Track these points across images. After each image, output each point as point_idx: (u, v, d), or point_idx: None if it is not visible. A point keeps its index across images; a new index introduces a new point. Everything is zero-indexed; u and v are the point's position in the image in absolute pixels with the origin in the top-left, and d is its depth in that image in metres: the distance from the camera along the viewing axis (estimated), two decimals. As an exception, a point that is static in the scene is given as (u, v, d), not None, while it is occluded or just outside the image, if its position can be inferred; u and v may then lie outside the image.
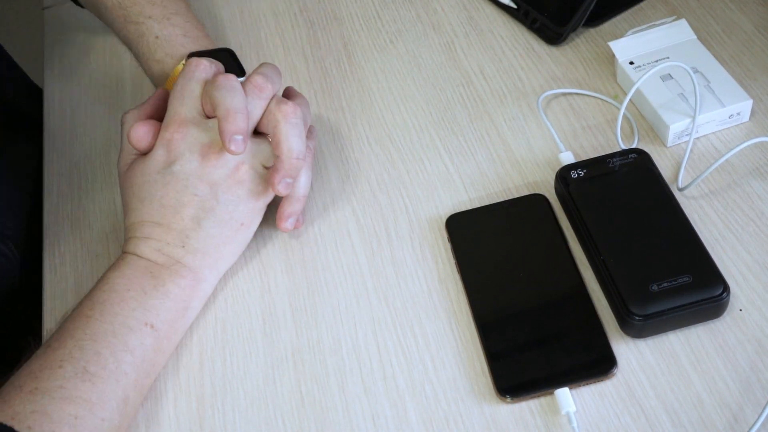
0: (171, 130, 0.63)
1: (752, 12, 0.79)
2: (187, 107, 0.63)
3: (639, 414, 0.55)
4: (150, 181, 0.62)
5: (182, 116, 0.63)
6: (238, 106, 0.61)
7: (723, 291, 0.57)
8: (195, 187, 0.62)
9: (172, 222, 0.62)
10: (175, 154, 0.62)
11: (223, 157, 0.62)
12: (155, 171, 0.62)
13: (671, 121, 0.68)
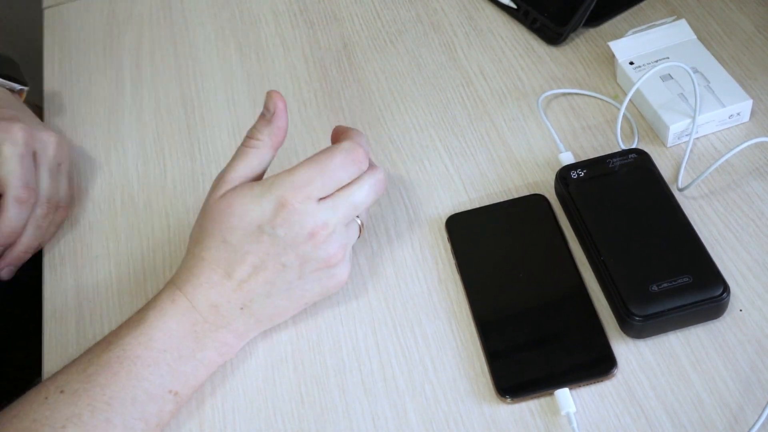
0: (294, 195, 0.56)
1: (752, 12, 0.79)
2: (324, 186, 0.57)
3: (639, 414, 0.55)
4: (245, 231, 0.57)
5: (312, 191, 0.57)
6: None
7: (723, 291, 0.57)
8: (287, 257, 0.57)
9: (245, 281, 0.58)
10: (284, 220, 0.56)
11: (328, 242, 0.58)
12: (256, 224, 0.57)
13: (671, 121, 0.68)
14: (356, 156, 0.58)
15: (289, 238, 0.57)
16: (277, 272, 0.58)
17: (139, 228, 0.72)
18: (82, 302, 0.67)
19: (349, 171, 0.58)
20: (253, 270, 0.57)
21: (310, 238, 0.57)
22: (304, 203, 0.56)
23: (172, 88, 0.83)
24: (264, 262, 0.57)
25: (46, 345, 0.65)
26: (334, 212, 0.58)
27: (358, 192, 0.59)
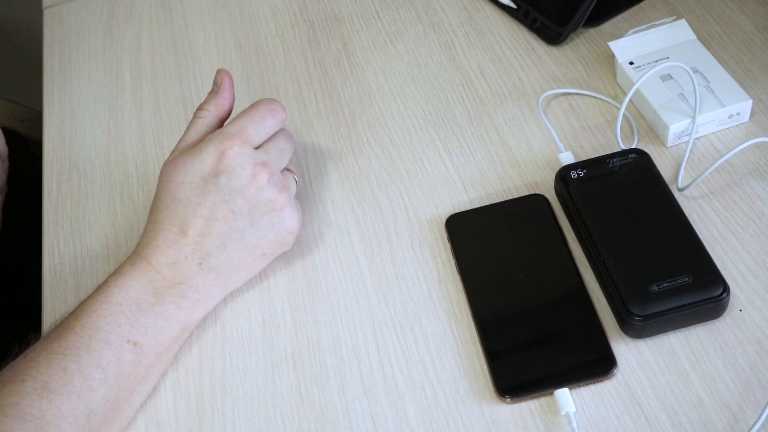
0: (231, 142, 0.60)
1: (752, 12, 0.79)
2: (257, 132, 0.62)
3: (639, 414, 0.55)
4: (190, 184, 0.60)
5: (247, 136, 0.61)
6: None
7: (723, 291, 0.57)
8: (234, 203, 0.60)
9: (199, 236, 0.60)
10: (225, 166, 0.60)
11: (270, 182, 0.61)
12: (200, 175, 0.60)
13: (671, 121, 0.68)
14: (276, 105, 0.64)
15: (232, 183, 0.60)
16: (227, 221, 0.60)
17: (139, 228, 0.72)
18: (81, 302, 0.67)
19: (274, 118, 0.63)
20: (205, 222, 0.60)
21: (252, 179, 0.60)
22: (240, 148, 0.60)
23: (172, 87, 0.83)
24: (213, 213, 0.60)
25: (45, 345, 0.65)
26: (268, 155, 0.62)
27: (282, 138, 0.64)
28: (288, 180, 0.64)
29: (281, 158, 0.64)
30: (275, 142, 0.64)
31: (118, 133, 0.80)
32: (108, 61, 0.88)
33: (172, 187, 0.61)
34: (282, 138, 0.65)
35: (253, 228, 0.61)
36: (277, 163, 0.63)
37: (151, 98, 0.83)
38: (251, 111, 0.63)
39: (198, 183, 0.60)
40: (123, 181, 0.76)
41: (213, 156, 0.60)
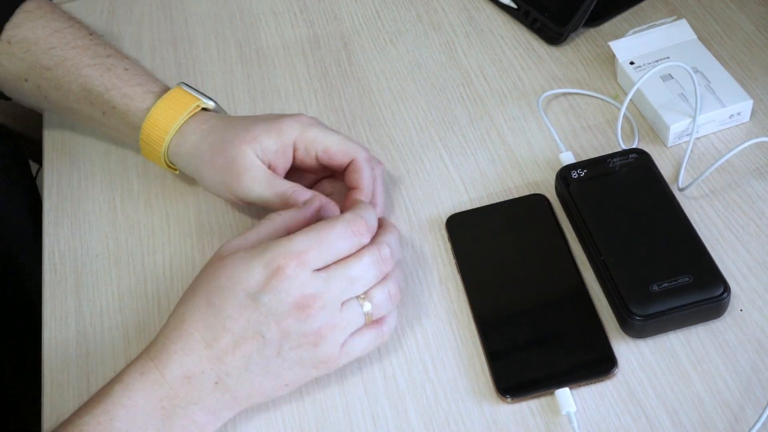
0: (287, 261, 0.53)
1: (752, 12, 0.79)
2: (321, 255, 0.54)
3: (639, 414, 0.55)
4: (231, 292, 0.54)
5: (308, 258, 0.54)
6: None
7: (723, 291, 0.57)
8: (268, 328, 0.53)
9: (222, 352, 0.53)
10: (273, 286, 0.53)
11: (314, 316, 0.54)
12: (243, 287, 0.53)
13: (671, 121, 0.68)
14: (357, 227, 0.56)
15: (273, 305, 0.53)
16: (256, 344, 0.54)
17: (140, 227, 0.72)
18: (81, 301, 0.67)
19: (349, 242, 0.55)
20: (233, 339, 0.53)
21: (296, 309, 0.53)
22: (296, 270, 0.53)
23: (172, 86, 0.83)
24: (244, 331, 0.53)
25: (45, 344, 0.65)
26: (327, 284, 0.54)
27: (356, 265, 0.55)
28: (346, 314, 0.55)
29: (344, 289, 0.55)
30: (344, 268, 0.55)
31: (118, 133, 0.80)
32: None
33: (210, 288, 0.54)
34: (355, 262, 0.55)
35: (278, 359, 0.54)
36: (337, 293, 0.54)
37: (151, 98, 0.83)
38: (324, 228, 0.55)
39: (239, 294, 0.53)
40: (123, 181, 0.76)
41: (264, 272, 0.53)
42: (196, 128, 0.67)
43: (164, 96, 0.68)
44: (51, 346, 0.65)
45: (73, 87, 0.70)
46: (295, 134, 0.64)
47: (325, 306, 0.54)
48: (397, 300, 0.57)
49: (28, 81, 0.71)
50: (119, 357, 0.63)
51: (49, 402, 0.62)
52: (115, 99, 0.69)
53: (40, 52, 0.70)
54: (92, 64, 0.70)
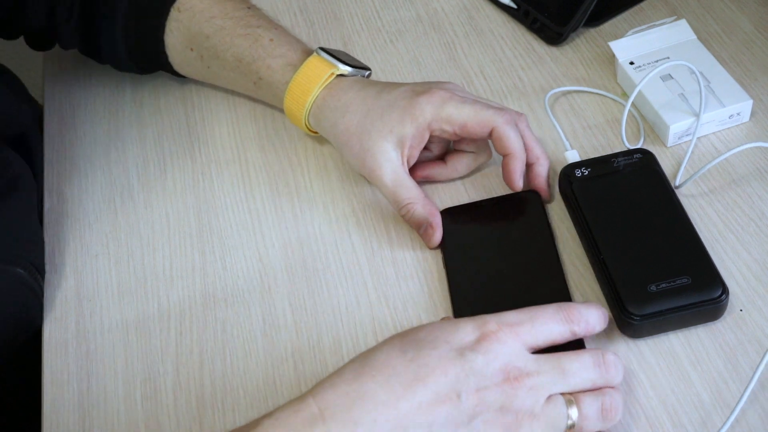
0: (500, 326, 0.49)
1: (752, 12, 0.79)
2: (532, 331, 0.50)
3: (639, 414, 0.55)
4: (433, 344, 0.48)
5: (517, 327, 0.50)
6: None
7: (722, 293, 0.57)
8: (467, 389, 0.47)
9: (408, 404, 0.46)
10: (485, 347, 0.48)
11: (518, 393, 0.48)
12: (448, 342, 0.48)
13: (672, 121, 0.68)
14: (569, 314, 0.51)
15: (479, 365, 0.47)
16: (447, 406, 0.47)
17: (139, 227, 0.72)
18: (82, 301, 0.67)
19: (561, 326, 0.51)
20: (423, 392, 0.46)
21: (503, 377, 0.48)
22: (508, 336, 0.49)
23: (173, 87, 0.83)
24: (439, 387, 0.46)
25: (45, 344, 0.65)
26: (538, 365, 0.49)
27: (573, 359, 0.50)
28: (550, 409, 0.49)
29: (559, 379, 0.49)
30: (563, 358, 0.50)
31: (118, 133, 0.80)
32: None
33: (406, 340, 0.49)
34: (574, 357, 0.50)
35: (466, 429, 0.47)
36: (547, 380, 0.49)
37: (151, 97, 0.83)
38: (536, 308, 0.52)
39: (442, 347, 0.48)
40: (123, 181, 0.76)
41: (475, 332, 0.49)
42: (332, 104, 0.68)
43: (300, 68, 0.69)
44: (51, 345, 0.65)
45: (227, 56, 0.73)
46: (429, 117, 0.64)
47: (532, 388, 0.48)
48: (611, 419, 0.51)
49: (193, 50, 0.75)
50: (119, 357, 0.63)
51: (49, 401, 0.62)
52: (261, 70, 0.72)
53: (203, 21, 0.73)
54: (243, 34, 0.72)
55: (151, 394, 0.61)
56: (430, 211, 0.64)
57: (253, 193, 0.73)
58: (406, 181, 0.65)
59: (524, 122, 0.66)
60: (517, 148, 0.64)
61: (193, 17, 0.74)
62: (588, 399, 0.50)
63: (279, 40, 0.72)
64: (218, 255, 0.69)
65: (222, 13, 0.74)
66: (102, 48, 0.77)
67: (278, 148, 0.76)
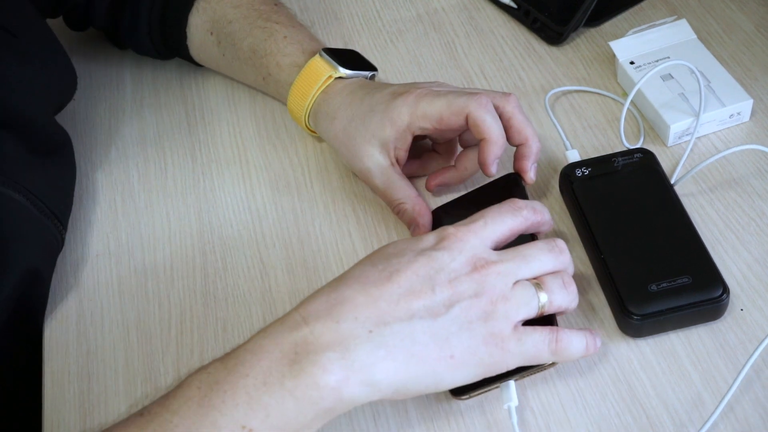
0: (458, 228, 0.53)
1: (752, 12, 0.79)
2: (488, 227, 0.53)
3: (640, 413, 0.55)
4: (399, 255, 0.51)
5: (476, 226, 0.53)
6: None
7: (722, 293, 0.57)
8: (438, 282, 0.50)
9: (385, 301, 0.49)
10: (446, 245, 0.51)
11: (488, 280, 0.51)
12: (412, 249, 0.51)
13: (672, 120, 0.68)
14: (515, 203, 0.55)
15: (445, 260, 0.51)
16: (424, 298, 0.49)
17: (140, 227, 0.72)
18: (82, 301, 0.67)
19: (512, 217, 0.54)
20: (398, 290, 0.49)
21: (470, 267, 0.51)
22: (467, 235, 0.52)
23: (173, 87, 0.83)
24: (412, 284, 0.49)
25: (46, 343, 0.65)
26: (500, 256, 0.52)
27: (530, 246, 0.53)
28: (519, 295, 0.52)
29: (522, 265, 0.52)
30: (522, 248, 0.53)
31: (119, 132, 0.80)
32: (108, 61, 0.87)
33: (374, 257, 0.52)
34: (532, 245, 0.54)
35: (446, 319, 0.49)
36: (511, 267, 0.52)
37: (151, 97, 0.83)
38: (492, 208, 0.55)
39: (407, 254, 0.51)
40: (123, 180, 0.76)
41: (434, 237, 0.52)
42: (324, 109, 0.69)
43: (302, 70, 0.70)
44: (52, 344, 0.65)
45: (243, 45, 0.74)
46: (406, 118, 0.64)
47: (500, 273, 0.51)
48: (572, 292, 0.54)
49: (212, 35, 0.76)
50: (120, 356, 0.63)
51: (49, 401, 0.62)
52: (270, 66, 0.73)
53: (229, 6, 0.75)
54: (262, 27, 0.73)
55: (151, 394, 0.61)
56: (418, 211, 0.65)
57: (254, 192, 0.73)
58: (397, 182, 0.66)
59: (513, 103, 0.64)
60: (492, 132, 0.62)
61: (222, 0, 0.75)
62: (550, 278, 0.53)
63: (292, 38, 0.73)
64: (219, 254, 0.69)
65: (248, 3, 0.75)
66: (124, 25, 0.79)
67: (279, 148, 0.76)
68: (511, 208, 0.55)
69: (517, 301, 0.51)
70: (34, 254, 0.65)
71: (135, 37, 0.80)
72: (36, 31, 0.70)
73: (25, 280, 0.63)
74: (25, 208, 0.64)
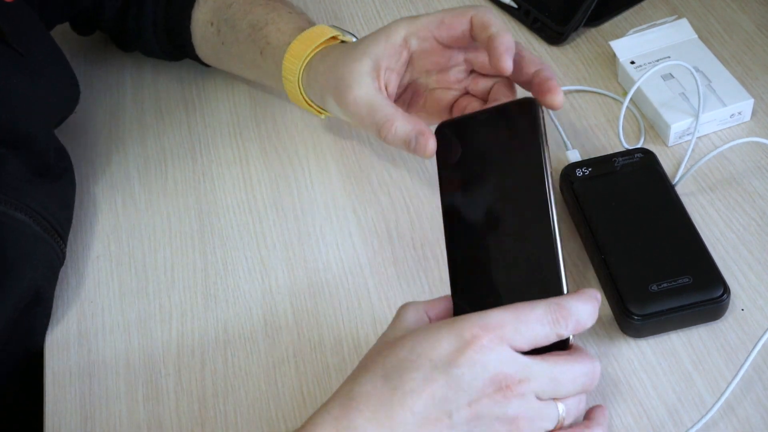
0: (483, 330, 0.46)
1: (753, 11, 0.79)
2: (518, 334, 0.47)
3: (641, 414, 0.55)
4: (414, 364, 0.46)
5: (504, 334, 0.46)
6: None
7: (723, 293, 0.57)
8: (457, 407, 0.45)
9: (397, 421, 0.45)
10: (468, 358, 0.45)
11: (513, 401, 0.46)
12: (429, 359, 0.46)
13: (672, 120, 0.68)
14: (562, 314, 0.47)
15: (466, 380, 0.45)
16: (440, 425, 0.45)
17: (141, 228, 0.72)
18: (83, 302, 0.67)
19: (547, 328, 0.47)
20: (413, 419, 0.45)
21: (494, 388, 0.45)
22: (493, 342, 0.46)
23: (173, 87, 0.83)
24: (428, 410, 0.45)
25: (47, 345, 0.65)
26: (530, 370, 0.46)
27: (567, 368, 0.47)
28: (543, 413, 0.47)
29: (549, 387, 0.47)
30: (556, 365, 0.47)
31: (119, 133, 0.80)
32: (109, 61, 0.87)
33: (388, 363, 0.47)
34: (563, 363, 0.48)
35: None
36: (538, 387, 0.47)
37: (152, 98, 0.83)
38: (523, 306, 0.48)
39: (424, 367, 0.46)
40: (124, 181, 0.76)
41: (455, 342, 0.46)
42: (324, 54, 0.65)
43: (304, 32, 0.68)
44: (53, 347, 0.65)
45: (243, 25, 0.72)
46: (403, 31, 0.60)
47: (525, 394, 0.46)
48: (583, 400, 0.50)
49: (212, 25, 0.74)
50: (121, 357, 0.63)
51: (50, 402, 0.62)
52: (270, 34, 0.70)
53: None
54: (263, 4, 0.72)
55: (152, 395, 0.61)
56: (414, 123, 0.57)
57: (254, 193, 0.73)
58: (383, 101, 0.59)
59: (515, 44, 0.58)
60: (501, 24, 0.57)
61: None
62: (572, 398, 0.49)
63: (296, 13, 0.72)
64: (219, 255, 0.69)
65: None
66: (129, 27, 0.78)
67: (279, 149, 0.76)
68: (552, 320, 0.47)
69: (540, 420, 0.47)
70: (38, 274, 0.64)
71: (141, 37, 0.79)
72: (43, 49, 0.69)
73: (26, 300, 0.63)
74: (28, 228, 0.63)
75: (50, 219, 0.65)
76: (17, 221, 0.62)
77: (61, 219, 0.68)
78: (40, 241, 0.64)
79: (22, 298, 0.62)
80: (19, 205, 0.63)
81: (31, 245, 0.64)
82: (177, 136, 0.79)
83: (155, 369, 0.63)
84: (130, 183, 0.76)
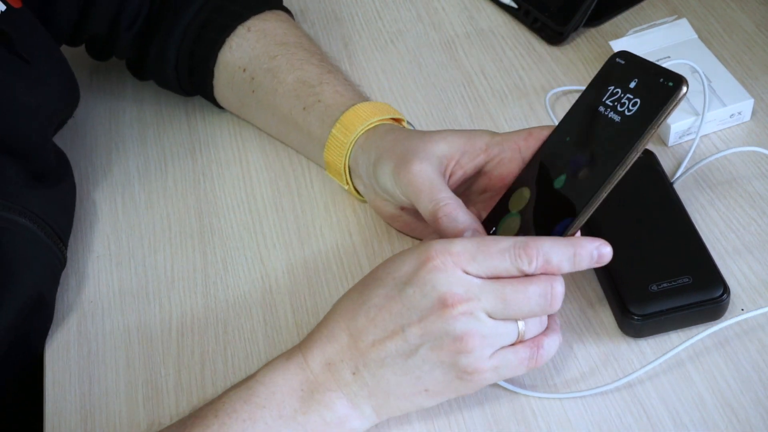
0: (438, 254, 0.50)
1: (753, 11, 0.79)
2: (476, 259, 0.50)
3: (641, 414, 0.55)
4: (382, 282, 0.52)
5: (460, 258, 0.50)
6: None
7: (723, 293, 0.57)
8: (409, 323, 0.50)
9: (364, 344, 0.51)
10: (419, 278, 0.50)
11: (458, 319, 0.49)
12: (393, 276, 0.51)
13: (673, 120, 0.68)
14: (526, 251, 0.50)
15: (416, 299, 0.50)
16: (395, 340, 0.51)
17: (140, 228, 0.72)
18: (83, 302, 0.67)
19: (507, 262, 0.50)
20: (374, 331, 0.51)
21: (440, 306, 0.50)
22: (446, 264, 0.50)
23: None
24: (386, 324, 0.51)
25: (47, 346, 0.65)
26: (479, 290, 0.50)
27: (519, 288, 0.50)
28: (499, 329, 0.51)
29: (499, 308, 0.50)
30: (506, 286, 0.50)
31: (119, 133, 0.80)
32: (109, 62, 0.87)
33: (366, 279, 0.54)
34: (518, 285, 0.50)
35: (416, 358, 0.51)
36: (488, 306, 0.50)
37: (152, 98, 0.83)
38: (491, 239, 0.51)
39: (388, 284, 0.52)
40: (124, 181, 0.76)
41: (414, 262, 0.51)
42: (393, 128, 0.64)
43: (369, 102, 0.67)
44: (53, 346, 0.65)
45: (288, 78, 0.71)
46: (486, 138, 0.60)
47: (474, 313, 0.50)
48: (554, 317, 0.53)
49: (245, 71, 0.73)
50: (121, 358, 0.63)
51: (50, 402, 0.62)
52: (325, 92, 0.69)
53: (273, 43, 0.72)
54: (317, 64, 0.71)
55: (152, 395, 0.61)
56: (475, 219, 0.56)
57: (254, 193, 0.73)
58: (445, 185, 0.58)
59: None
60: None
61: (264, 38, 0.73)
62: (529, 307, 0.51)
63: (354, 85, 0.70)
64: (219, 256, 0.69)
65: (297, 45, 0.73)
66: (150, 56, 0.76)
67: (279, 148, 0.76)
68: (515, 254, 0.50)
69: (493, 336, 0.51)
70: (39, 279, 0.64)
71: (161, 69, 0.77)
72: (47, 56, 0.69)
73: (29, 305, 0.63)
74: (30, 233, 0.63)
75: (51, 223, 0.65)
76: (19, 226, 0.62)
77: (62, 223, 0.68)
78: (41, 245, 0.64)
79: (24, 303, 0.62)
80: (20, 210, 0.63)
81: (33, 250, 0.64)
82: (177, 136, 0.79)
83: (155, 370, 0.63)
84: (130, 183, 0.76)
